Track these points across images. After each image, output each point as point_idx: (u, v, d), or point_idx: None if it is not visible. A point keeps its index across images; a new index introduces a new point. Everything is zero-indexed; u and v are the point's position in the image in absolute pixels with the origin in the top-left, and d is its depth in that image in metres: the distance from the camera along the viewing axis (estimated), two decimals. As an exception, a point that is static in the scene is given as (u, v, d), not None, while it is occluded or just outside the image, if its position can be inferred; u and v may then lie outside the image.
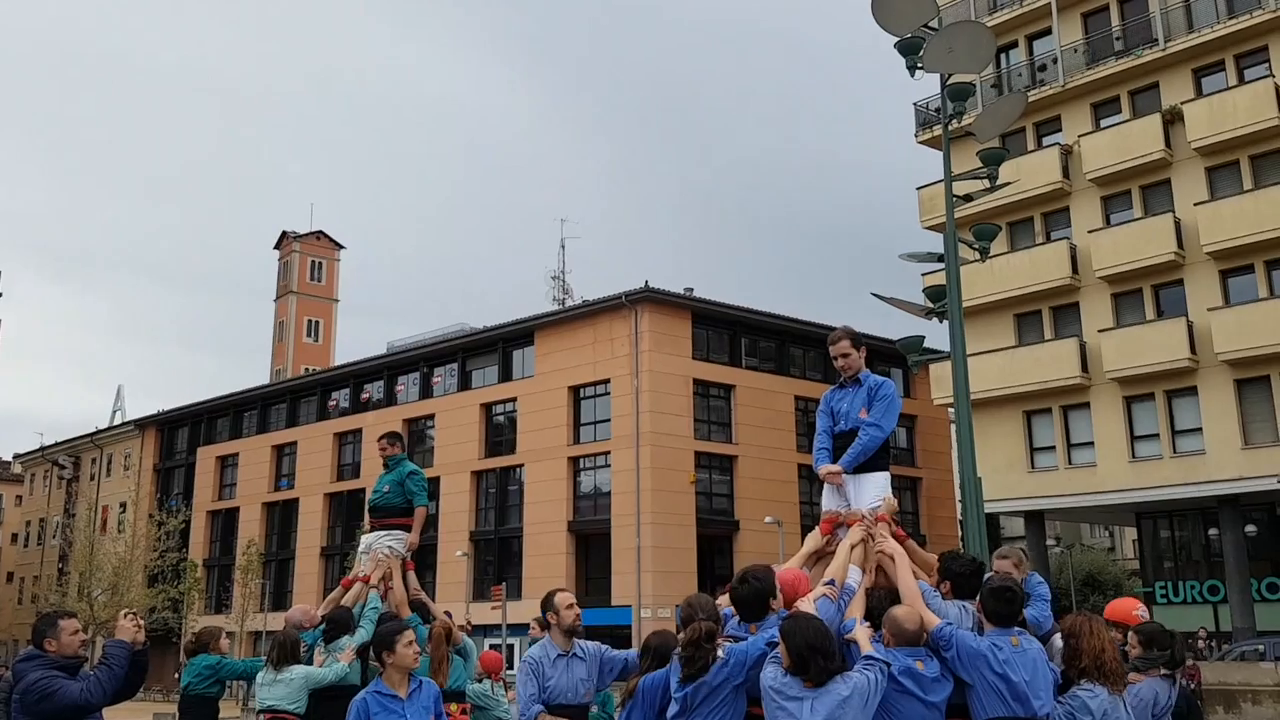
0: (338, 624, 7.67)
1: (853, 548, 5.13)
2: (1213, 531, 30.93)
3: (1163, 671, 5.33)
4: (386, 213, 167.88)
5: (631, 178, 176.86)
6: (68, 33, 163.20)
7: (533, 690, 5.58)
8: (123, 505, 61.72)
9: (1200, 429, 29.64)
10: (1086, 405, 31.79)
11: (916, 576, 4.99)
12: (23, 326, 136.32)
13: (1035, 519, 33.93)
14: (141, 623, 5.36)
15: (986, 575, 5.20)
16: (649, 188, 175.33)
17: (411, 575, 8.36)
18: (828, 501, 5.73)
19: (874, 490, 5.53)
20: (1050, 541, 39.52)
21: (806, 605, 4.64)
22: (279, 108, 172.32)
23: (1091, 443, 31.67)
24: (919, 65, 12.33)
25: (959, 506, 10.73)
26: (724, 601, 5.13)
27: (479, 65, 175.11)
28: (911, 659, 4.49)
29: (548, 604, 5.88)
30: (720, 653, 4.54)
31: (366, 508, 8.83)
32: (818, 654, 4.27)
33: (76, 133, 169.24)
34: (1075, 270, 32.02)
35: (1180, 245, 30.02)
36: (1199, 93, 30.90)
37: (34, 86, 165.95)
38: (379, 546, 8.24)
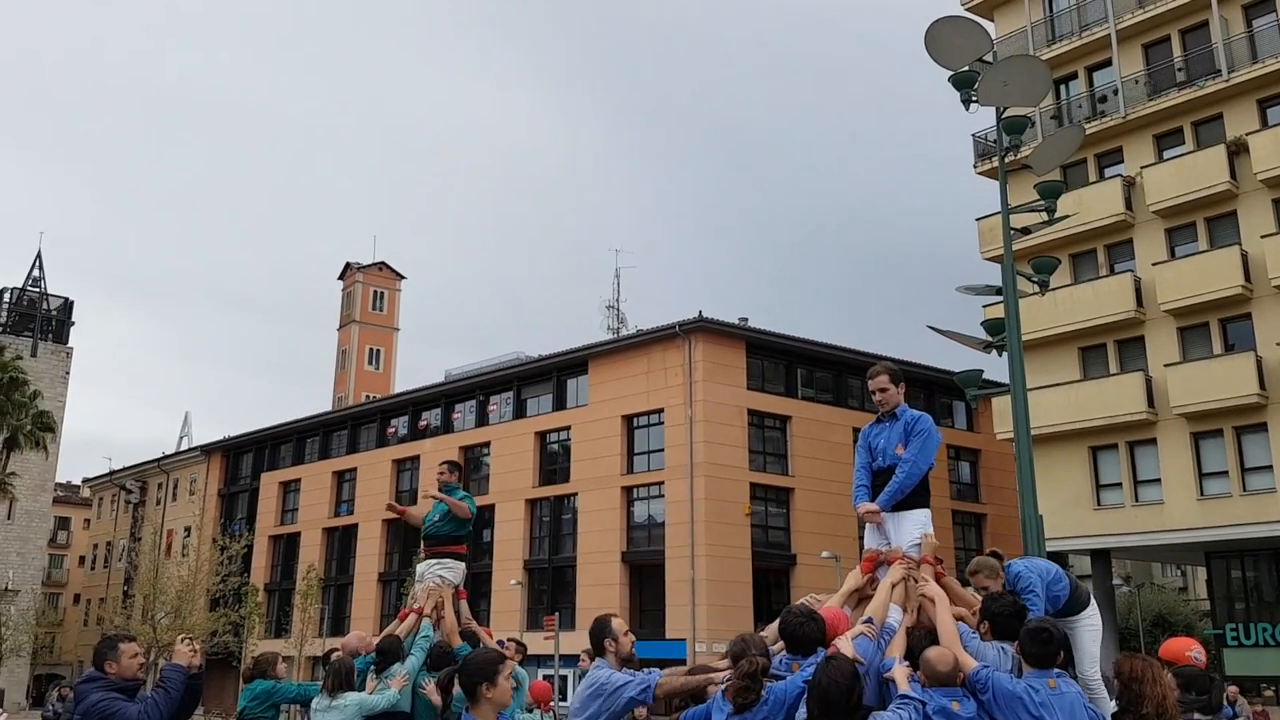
0: (388, 653, 7.78)
1: (893, 586, 5.11)
2: (1285, 573, 30.02)
3: (1197, 716, 5.17)
4: (446, 244, 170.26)
5: (686, 208, 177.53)
6: (142, 69, 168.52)
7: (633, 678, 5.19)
8: (187, 529, 62.92)
9: (1271, 466, 28.82)
10: (1153, 441, 31.09)
11: (958, 617, 4.95)
12: (94, 354, 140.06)
13: (1102, 557, 33.16)
14: (198, 647, 5.48)
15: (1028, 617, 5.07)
16: (704, 217, 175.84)
17: (464, 604, 8.43)
18: (869, 540, 5.71)
19: (914, 528, 5.48)
20: (1117, 580, 38.59)
21: (845, 644, 4.62)
22: (346, 143, 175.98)
23: (1159, 480, 30.94)
24: (974, 99, 12.33)
25: (1022, 544, 10.58)
26: (769, 636, 5.11)
27: (536, 99, 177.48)
28: (948, 699, 4.47)
29: (604, 630, 5.49)
30: (761, 691, 4.53)
31: (421, 536, 8.97)
32: (827, 712, 4.23)
33: (147, 164, 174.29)
34: (1140, 303, 31.46)
35: (1247, 278, 29.36)
36: (1264, 124, 30.31)
37: (106, 119, 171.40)
38: (430, 576, 8.34)
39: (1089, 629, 5.60)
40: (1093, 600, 5.78)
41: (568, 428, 44.72)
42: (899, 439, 5.68)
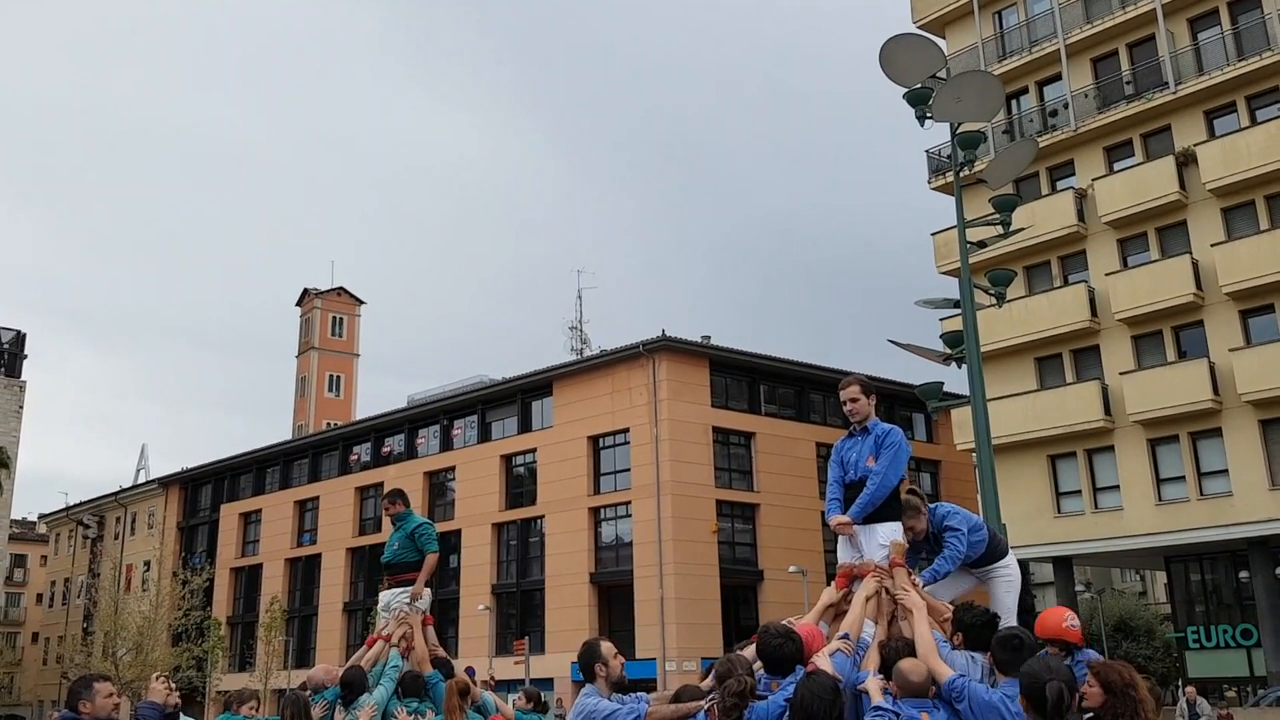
0: (353, 685, 7.65)
1: (867, 600, 5.16)
2: (1243, 574, 30.48)
3: None
4: (406, 267, 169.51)
5: (647, 228, 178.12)
6: (93, 98, 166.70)
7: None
8: (147, 564, 61.85)
9: (1226, 471, 29.32)
10: (1111, 449, 31.54)
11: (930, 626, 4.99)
12: (49, 388, 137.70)
13: (1064, 564, 33.53)
14: (173, 686, 5.41)
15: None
16: (665, 237, 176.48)
17: (431, 631, 8.35)
18: (841, 553, 5.75)
19: (885, 540, 5.54)
20: (1079, 587, 39.00)
21: (823, 661, 4.65)
22: (301, 168, 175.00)
23: (1117, 486, 31.37)
24: (928, 115, 12.49)
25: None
26: (748, 656, 5.11)
27: (496, 122, 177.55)
28: (917, 710, 4.50)
29: (594, 654, 5.34)
30: (745, 711, 4.53)
31: (383, 564, 8.88)
32: None
33: (102, 196, 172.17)
34: (1094, 313, 31.95)
35: (1199, 286, 29.93)
36: (1211, 134, 30.97)
37: (62, 152, 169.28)
38: (397, 604, 8.27)
39: (1004, 579, 5.82)
40: (1011, 553, 5.98)
41: (533, 450, 44.55)
42: (870, 452, 5.72)
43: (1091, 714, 4.36)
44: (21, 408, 68.09)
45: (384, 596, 8.55)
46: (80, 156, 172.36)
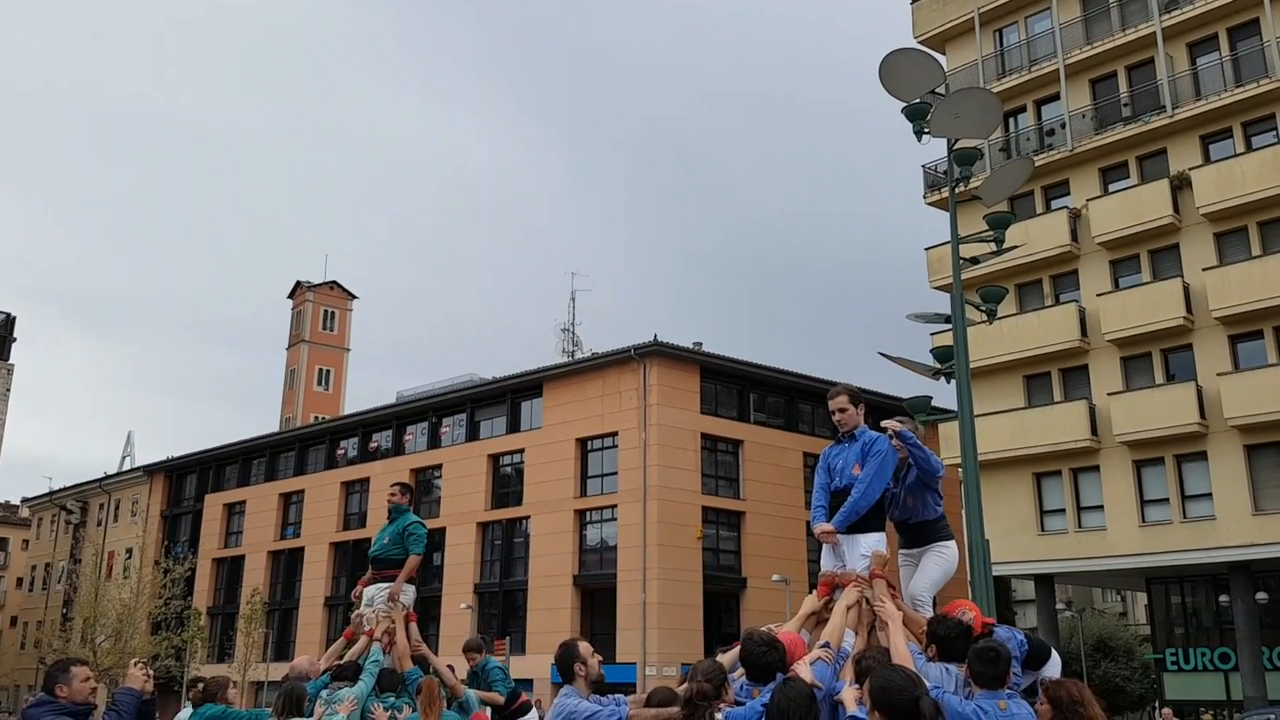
0: (346, 674, 7.66)
1: (848, 609, 5.19)
2: (1224, 598, 30.61)
3: None
4: (399, 263, 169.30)
5: (642, 232, 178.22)
6: (89, 87, 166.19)
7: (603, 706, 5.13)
8: (129, 551, 61.62)
9: (1210, 494, 29.45)
10: (1096, 468, 31.66)
11: (906, 638, 5.03)
12: (36, 372, 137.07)
13: (1045, 582, 33.65)
14: (150, 672, 5.43)
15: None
16: (660, 242, 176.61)
17: (413, 627, 8.35)
18: (825, 562, 5.77)
19: (868, 550, 5.55)
20: (1060, 605, 39.13)
21: (803, 669, 4.68)
22: (297, 162, 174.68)
23: (1101, 506, 31.48)
24: (926, 130, 12.52)
25: (968, 568, 10.63)
26: (728, 662, 5.13)
27: (492, 123, 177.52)
28: None
29: (573, 655, 5.32)
30: (719, 717, 4.56)
31: (369, 558, 8.88)
32: None
33: (94, 184, 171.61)
34: (1084, 333, 32.08)
35: (1189, 310, 30.09)
36: (1207, 159, 31.14)
37: (54, 138, 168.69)
38: (380, 600, 8.27)
39: (939, 554, 6.00)
40: (954, 540, 6.16)
41: (521, 450, 44.52)
42: (856, 459, 5.74)
43: None
44: (8, 391, 67.91)
45: (368, 591, 8.54)
46: (74, 143, 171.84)
